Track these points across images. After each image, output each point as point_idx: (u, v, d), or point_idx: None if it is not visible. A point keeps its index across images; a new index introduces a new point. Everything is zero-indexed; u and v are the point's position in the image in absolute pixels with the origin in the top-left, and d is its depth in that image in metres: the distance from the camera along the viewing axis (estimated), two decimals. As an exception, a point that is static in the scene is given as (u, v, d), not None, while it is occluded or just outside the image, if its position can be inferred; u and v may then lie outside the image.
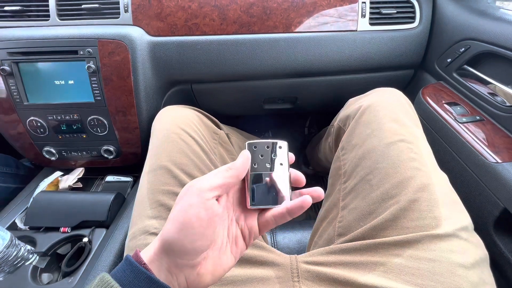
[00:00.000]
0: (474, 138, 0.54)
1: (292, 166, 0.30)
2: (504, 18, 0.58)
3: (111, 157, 0.72)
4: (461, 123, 0.58)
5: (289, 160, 0.30)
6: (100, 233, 0.58)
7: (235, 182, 0.27)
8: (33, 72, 0.62)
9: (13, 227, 0.61)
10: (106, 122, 0.67)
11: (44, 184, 0.67)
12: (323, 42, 0.69)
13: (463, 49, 0.64)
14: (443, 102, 0.64)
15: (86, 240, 0.56)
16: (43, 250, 0.54)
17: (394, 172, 0.40)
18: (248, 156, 0.28)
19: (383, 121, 0.46)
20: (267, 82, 0.75)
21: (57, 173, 0.71)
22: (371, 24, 0.70)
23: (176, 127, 0.50)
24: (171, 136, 0.48)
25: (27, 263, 0.48)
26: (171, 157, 0.45)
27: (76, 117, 0.66)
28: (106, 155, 0.71)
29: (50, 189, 0.68)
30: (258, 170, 0.29)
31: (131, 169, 0.76)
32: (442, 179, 0.41)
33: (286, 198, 0.29)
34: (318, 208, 0.53)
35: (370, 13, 0.69)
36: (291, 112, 0.98)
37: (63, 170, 0.73)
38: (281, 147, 0.30)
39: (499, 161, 0.49)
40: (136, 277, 0.23)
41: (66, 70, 0.62)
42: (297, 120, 1.29)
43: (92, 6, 0.63)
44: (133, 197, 0.64)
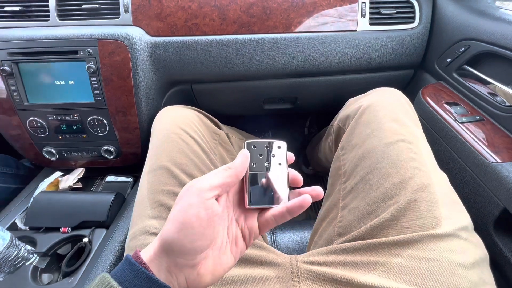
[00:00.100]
0: (474, 138, 0.54)
1: (292, 166, 0.30)
2: (503, 18, 0.58)
3: (111, 157, 0.72)
4: (461, 123, 0.58)
5: (288, 160, 0.30)
6: (100, 233, 0.58)
7: (235, 181, 0.27)
8: (33, 72, 0.62)
9: (13, 228, 0.61)
10: (106, 122, 0.67)
11: (44, 184, 0.67)
12: (323, 42, 0.69)
13: (463, 49, 0.64)
14: (443, 102, 0.64)
15: (86, 240, 0.56)
16: (43, 250, 0.54)
17: (394, 172, 0.40)
18: (247, 155, 0.28)
19: (383, 121, 0.46)
20: (267, 82, 0.75)
21: (57, 173, 0.71)
22: (371, 24, 0.70)
23: (176, 127, 0.50)
24: (171, 136, 0.48)
25: (27, 263, 0.48)
26: (171, 157, 0.45)
27: (76, 117, 0.66)
28: (106, 155, 0.71)
29: (50, 189, 0.68)
30: (257, 170, 0.29)
31: (131, 169, 0.76)
32: (442, 179, 0.41)
33: (283, 198, 0.29)
34: (318, 208, 0.53)
35: (370, 13, 0.69)
36: (291, 112, 0.98)
37: (63, 170, 0.73)
38: (280, 147, 0.30)
39: (499, 161, 0.49)
40: (136, 277, 0.23)
41: (66, 71, 0.62)
42: (297, 120, 1.29)
43: (92, 7, 0.63)
44: (133, 197, 0.64)
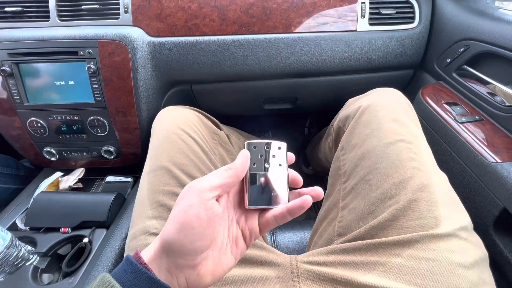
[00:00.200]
0: (474, 138, 0.54)
1: (292, 166, 0.30)
2: (503, 18, 0.58)
3: (111, 157, 0.72)
4: (460, 123, 0.58)
5: (288, 160, 0.30)
6: (100, 233, 0.58)
7: (235, 182, 0.27)
8: (33, 72, 0.62)
9: (13, 228, 0.61)
10: (106, 123, 0.67)
11: (44, 184, 0.67)
12: (323, 42, 0.69)
13: (463, 49, 0.64)
14: (443, 102, 0.64)
15: (86, 240, 0.56)
16: (44, 250, 0.54)
17: (393, 172, 0.40)
18: (247, 155, 0.28)
19: (383, 121, 0.46)
20: (267, 82, 0.76)
21: (57, 173, 0.71)
22: (371, 24, 0.70)
23: (176, 128, 0.50)
24: (171, 136, 0.48)
25: (28, 264, 0.48)
26: (171, 157, 0.45)
27: (76, 117, 0.66)
28: (106, 156, 0.71)
29: (50, 189, 0.68)
30: (257, 170, 0.29)
31: (131, 169, 0.76)
32: (442, 179, 0.41)
33: (283, 199, 0.28)
34: (318, 208, 0.53)
35: (370, 13, 0.69)
36: (291, 112, 0.98)
37: (63, 171, 0.73)
38: (280, 148, 0.30)
39: (499, 161, 0.49)
40: (136, 277, 0.23)
41: (66, 71, 0.63)
42: (297, 120, 1.29)
43: (92, 7, 0.63)
44: (133, 197, 0.64)
